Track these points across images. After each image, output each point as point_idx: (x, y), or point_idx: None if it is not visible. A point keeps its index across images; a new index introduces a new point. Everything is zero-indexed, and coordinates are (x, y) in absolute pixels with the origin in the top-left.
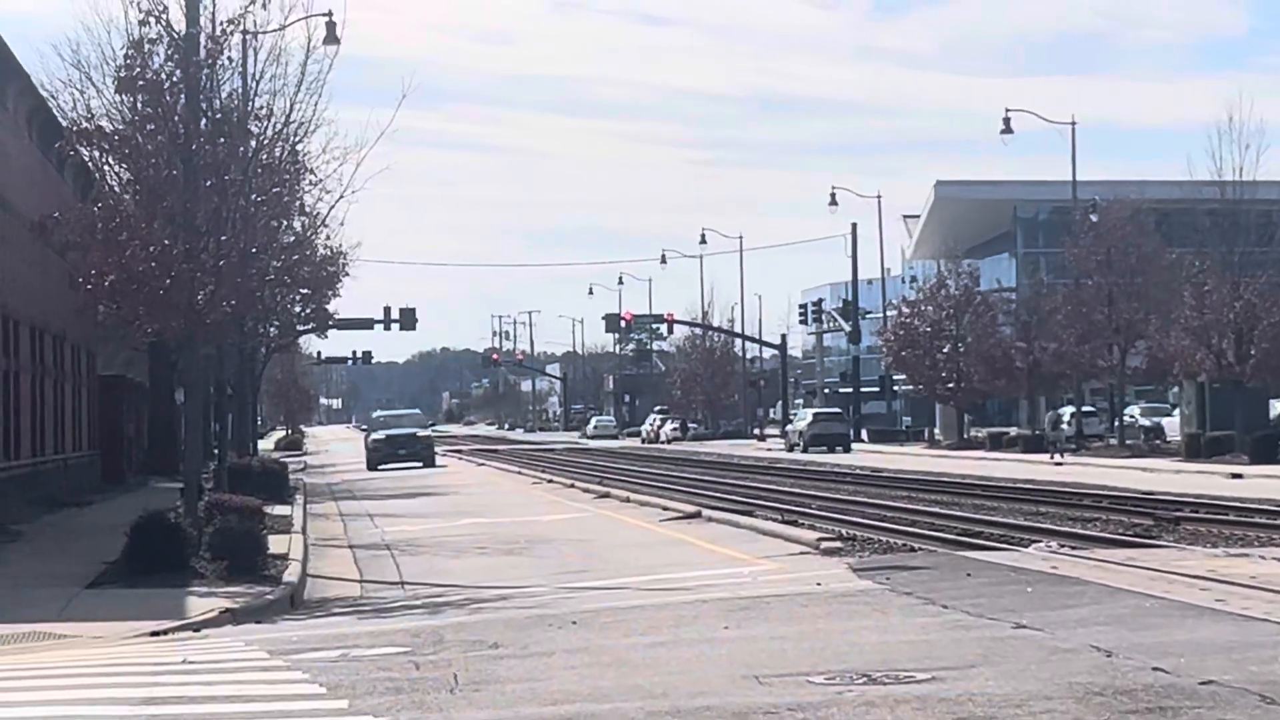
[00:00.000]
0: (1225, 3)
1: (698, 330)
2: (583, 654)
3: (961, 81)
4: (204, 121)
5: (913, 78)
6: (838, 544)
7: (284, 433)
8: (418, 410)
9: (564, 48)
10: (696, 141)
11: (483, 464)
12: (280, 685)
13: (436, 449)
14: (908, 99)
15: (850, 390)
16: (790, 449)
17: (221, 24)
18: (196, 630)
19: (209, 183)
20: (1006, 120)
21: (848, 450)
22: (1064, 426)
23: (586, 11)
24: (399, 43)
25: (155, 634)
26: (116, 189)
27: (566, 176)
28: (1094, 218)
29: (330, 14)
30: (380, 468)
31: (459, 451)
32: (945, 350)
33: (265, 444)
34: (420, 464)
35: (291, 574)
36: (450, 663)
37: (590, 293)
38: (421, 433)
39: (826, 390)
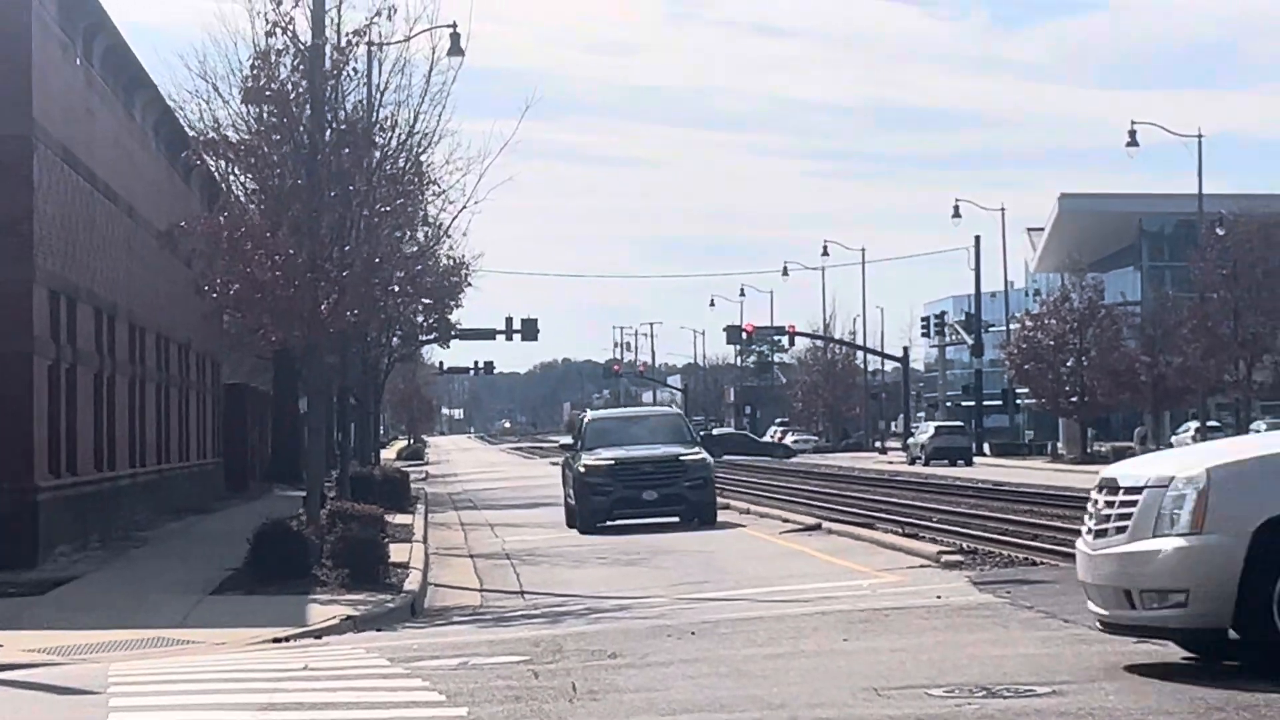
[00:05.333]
0: None
1: (819, 342)
2: (701, 664)
3: (1083, 94)
4: (329, 132)
5: (1034, 89)
6: (958, 557)
7: (406, 442)
8: (674, 408)
9: (681, 59)
10: (817, 153)
11: None
12: (400, 692)
13: (557, 462)
14: (1029, 111)
15: (972, 403)
16: (912, 462)
17: (347, 35)
18: (318, 637)
19: (333, 193)
20: (1132, 133)
21: (969, 464)
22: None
23: (702, 23)
24: (519, 55)
25: (277, 640)
26: (242, 199)
27: (687, 188)
28: (1220, 231)
29: (454, 25)
30: (611, 522)
31: None
32: (1069, 364)
33: (387, 453)
34: (683, 515)
35: (412, 582)
36: (569, 672)
37: (712, 304)
38: (690, 454)
39: (948, 403)
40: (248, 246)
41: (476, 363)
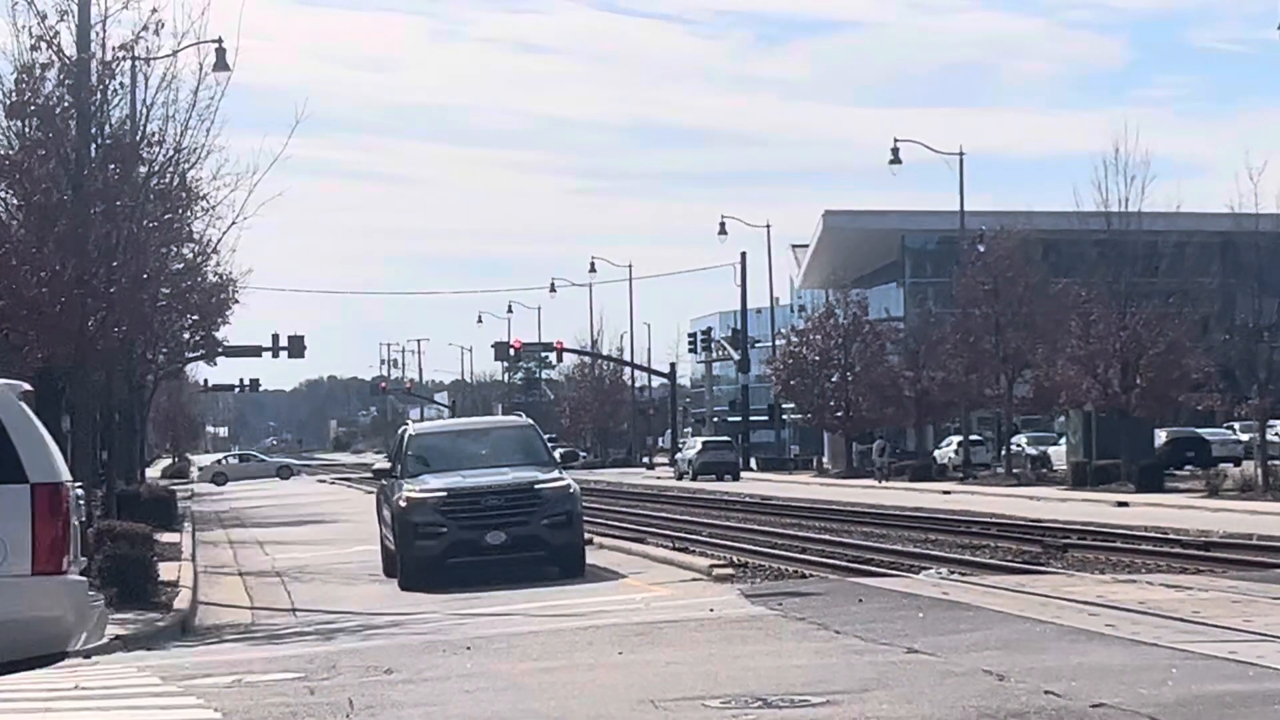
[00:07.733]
0: (1103, 36)
1: (587, 359)
2: (477, 679)
3: (846, 111)
4: (95, 147)
5: (798, 108)
6: (730, 570)
7: (170, 460)
8: (523, 417)
9: (443, 76)
10: (583, 170)
11: (373, 492)
12: (174, 711)
13: (325, 479)
14: (792, 129)
15: (739, 419)
16: (680, 477)
17: (113, 49)
18: (87, 656)
19: (100, 208)
20: (895, 150)
21: (737, 478)
22: (887, 455)
23: (464, 40)
24: (285, 71)
25: None
26: (4, 215)
27: (454, 205)
28: (981, 248)
29: (220, 40)
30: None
31: (347, 480)
32: (834, 379)
33: (152, 472)
34: (544, 561)
35: (182, 601)
36: (345, 688)
37: (479, 321)
38: (549, 481)
39: (715, 419)
40: (13, 263)
41: (242, 380)
